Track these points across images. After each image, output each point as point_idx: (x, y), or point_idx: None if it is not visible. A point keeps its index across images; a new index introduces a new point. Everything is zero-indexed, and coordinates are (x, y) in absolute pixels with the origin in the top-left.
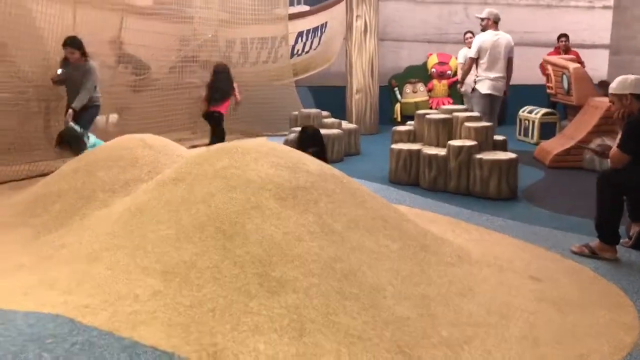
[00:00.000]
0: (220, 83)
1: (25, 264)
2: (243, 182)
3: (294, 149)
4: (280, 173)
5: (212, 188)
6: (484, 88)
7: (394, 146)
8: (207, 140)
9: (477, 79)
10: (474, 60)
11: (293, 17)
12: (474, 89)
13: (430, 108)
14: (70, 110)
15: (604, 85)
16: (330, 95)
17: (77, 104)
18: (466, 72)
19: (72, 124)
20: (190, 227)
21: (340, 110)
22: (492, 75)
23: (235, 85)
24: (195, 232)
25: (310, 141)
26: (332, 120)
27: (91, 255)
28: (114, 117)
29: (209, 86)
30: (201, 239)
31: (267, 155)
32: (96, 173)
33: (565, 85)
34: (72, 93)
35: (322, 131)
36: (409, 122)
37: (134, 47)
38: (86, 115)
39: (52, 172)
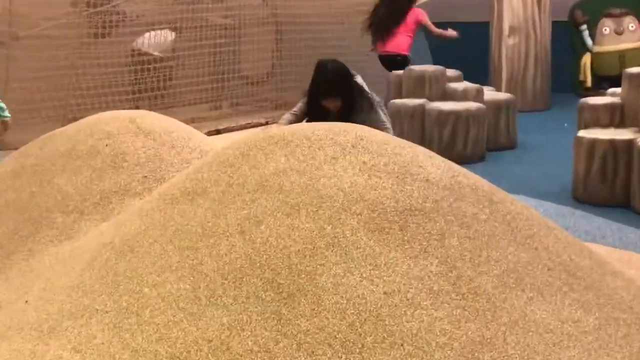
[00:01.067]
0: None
1: None
2: (312, 199)
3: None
4: (378, 183)
5: (257, 209)
6: None
7: (582, 134)
8: (240, 120)
9: None
10: None
11: None
12: None
13: None
14: None
15: None
16: (461, 41)
17: None
18: None
19: None
20: (219, 277)
21: (479, 67)
22: None
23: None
24: (227, 288)
25: (329, 87)
26: (464, 85)
27: (43, 327)
28: None
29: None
30: (238, 301)
31: (354, 150)
32: (52, 179)
33: None
34: None
35: (445, 105)
36: (609, 90)
37: None
38: None
39: None
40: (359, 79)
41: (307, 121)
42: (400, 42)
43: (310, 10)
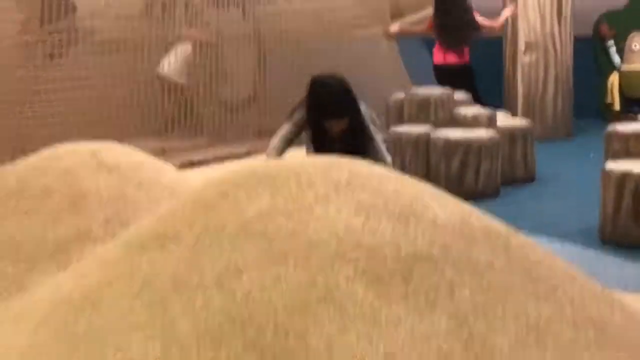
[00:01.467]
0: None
1: None
2: (301, 245)
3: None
4: (377, 226)
5: (238, 258)
6: None
7: (610, 166)
8: (218, 150)
9: None
10: None
11: None
12: None
13: None
14: None
15: None
16: (471, 59)
17: None
18: None
19: None
20: (193, 338)
21: (491, 89)
22: None
23: None
24: (203, 350)
25: (333, 107)
26: (474, 110)
27: None
28: None
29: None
30: None
31: (349, 188)
32: (1, 224)
33: None
34: None
35: (453, 133)
36: None
37: None
38: None
39: None
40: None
41: (311, 145)
42: (462, 50)
43: (298, 25)
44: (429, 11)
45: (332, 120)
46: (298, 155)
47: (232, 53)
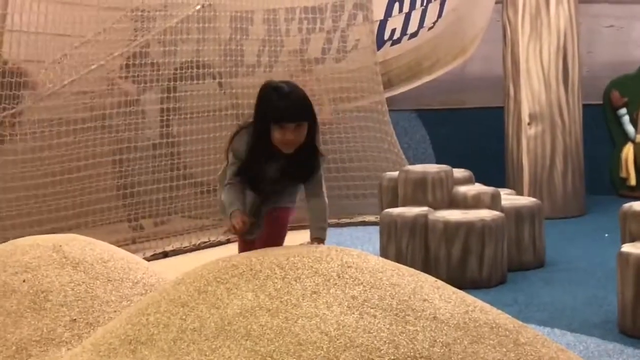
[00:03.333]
0: None
1: None
2: (288, 345)
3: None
4: (373, 323)
5: (219, 359)
6: None
7: (627, 248)
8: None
9: None
10: None
11: None
12: None
13: None
14: None
15: None
16: (470, 132)
17: None
18: None
19: None
20: None
21: (494, 165)
22: None
23: None
24: None
25: (294, 109)
26: (476, 188)
27: None
28: None
29: None
30: None
31: (340, 281)
32: None
33: None
34: None
35: (453, 215)
36: None
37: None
38: None
39: None
40: None
41: (247, 170)
42: None
43: None
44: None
45: (290, 124)
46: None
47: (207, 130)
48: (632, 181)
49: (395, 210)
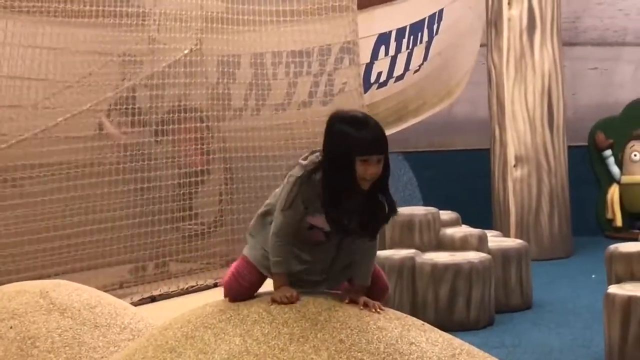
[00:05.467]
0: None
1: None
2: None
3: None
4: None
5: None
6: None
7: (613, 290)
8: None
9: None
10: None
11: (368, 3)
12: None
13: None
14: None
15: None
16: (456, 173)
17: None
18: None
19: None
20: None
21: (481, 207)
22: None
23: None
24: None
25: (375, 141)
26: (463, 231)
27: None
28: None
29: None
30: None
31: (327, 325)
32: None
33: None
34: None
35: (440, 257)
36: None
37: None
38: None
39: None
40: None
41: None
42: None
43: (267, 141)
44: None
45: (372, 156)
46: None
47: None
48: (618, 222)
49: (383, 253)
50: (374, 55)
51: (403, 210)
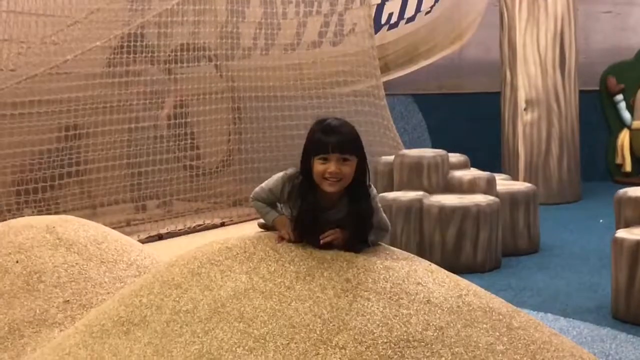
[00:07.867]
0: None
1: None
2: (281, 328)
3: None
4: (366, 307)
5: (211, 343)
6: None
7: (621, 234)
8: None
9: None
10: None
11: None
12: None
13: None
14: None
15: None
16: (466, 117)
17: None
18: None
19: None
20: None
21: (490, 150)
22: None
23: None
24: None
25: (343, 141)
26: (471, 173)
27: None
28: None
29: None
30: None
31: (334, 264)
32: None
33: None
34: None
35: (448, 200)
36: None
37: None
38: None
39: None
40: None
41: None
42: None
43: (276, 81)
44: None
45: (331, 155)
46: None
47: (204, 112)
48: (628, 167)
49: (391, 195)
50: None
51: (412, 153)
